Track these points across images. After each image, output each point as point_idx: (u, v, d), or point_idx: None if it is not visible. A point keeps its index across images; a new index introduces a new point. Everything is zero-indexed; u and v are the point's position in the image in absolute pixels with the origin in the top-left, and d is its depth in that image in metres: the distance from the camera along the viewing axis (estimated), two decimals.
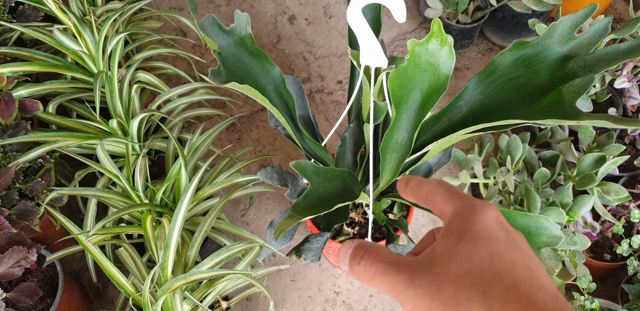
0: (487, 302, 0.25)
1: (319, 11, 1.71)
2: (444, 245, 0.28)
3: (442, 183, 0.32)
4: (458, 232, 0.28)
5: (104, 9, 1.22)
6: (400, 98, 0.73)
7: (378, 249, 0.30)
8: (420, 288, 0.26)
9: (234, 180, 1.02)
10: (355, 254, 0.30)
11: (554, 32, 0.66)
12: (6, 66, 1.02)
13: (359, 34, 0.63)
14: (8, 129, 1.01)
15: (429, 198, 0.32)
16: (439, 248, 0.28)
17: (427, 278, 0.27)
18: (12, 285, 1.00)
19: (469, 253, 0.27)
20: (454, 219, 0.29)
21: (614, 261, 1.07)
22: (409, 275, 0.27)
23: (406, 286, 0.27)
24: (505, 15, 1.49)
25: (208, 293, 0.93)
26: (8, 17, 1.20)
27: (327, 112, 1.51)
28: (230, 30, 0.76)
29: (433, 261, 0.28)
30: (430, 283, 0.26)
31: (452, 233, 0.28)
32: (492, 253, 0.27)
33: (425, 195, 0.33)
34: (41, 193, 1.01)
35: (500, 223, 0.29)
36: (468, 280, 0.26)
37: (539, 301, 0.25)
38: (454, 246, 0.28)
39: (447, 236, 0.28)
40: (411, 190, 0.34)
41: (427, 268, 0.27)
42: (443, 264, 0.27)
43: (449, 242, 0.28)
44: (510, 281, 0.25)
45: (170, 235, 0.87)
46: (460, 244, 0.27)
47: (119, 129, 1.09)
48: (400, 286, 0.27)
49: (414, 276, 0.27)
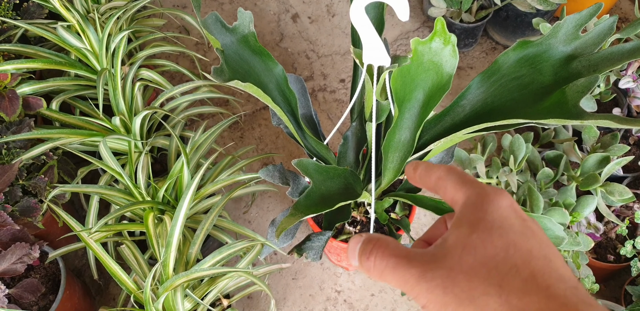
0: (504, 295, 0.24)
1: (322, 9, 1.71)
2: (456, 236, 0.27)
3: (453, 168, 0.31)
4: (471, 222, 0.27)
5: (107, 6, 1.22)
6: (403, 97, 0.73)
7: (387, 242, 0.28)
8: (433, 282, 0.25)
9: (236, 178, 1.02)
10: (364, 249, 0.29)
11: (558, 31, 0.66)
12: (10, 62, 1.03)
13: (362, 33, 0.62)
14: (12, 126, 1.02)
15: (439, 184, 0.31)
16: (451, 239, 0.27)
17: (439, 272, 0.25)
18: (15, 281, 1.00)
19: (483, 244, 0.26)
20: (466, 208, 0.28)
21: (618, 262, 1.07)
22: (420, 269, 0.26)
23: (418, 281, 0.26)
24: (509, 15, 1.48)
25: (209, 290, 0.93)
26: (12, 14, 1.20)
27: (330, 111, 1.50)
28: (233, 29, 0.76)
29: (445, 253, 0.26)
30: (443, 277, 0.25)
31: (465, 222, 0.27)
32: (508, 243, 0.25)
33: (435, 182, 0.31)
34: (44, 189, 1.01)
35: (514, 211, 0.27)
36: (483, 272, 0.25)
37: (558, 293, 0.24)
38: (467, 237, 0.26)
39: (460, 225, 0.27)
40: (420, 176, 0.32)
41: (439, 260, 0.26)
42: (456, 256, 0.26)
43: (461, 232, 0.27)
44: (527, 273, 0.24)
45: (172, 233, 0.87)
46: (474, 234, 0.26)
47: (122, 127, 1.09)
48: (412, 280, 0.26)
49: (426, 269, 0.26)
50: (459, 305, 0.24)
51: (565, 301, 0.23)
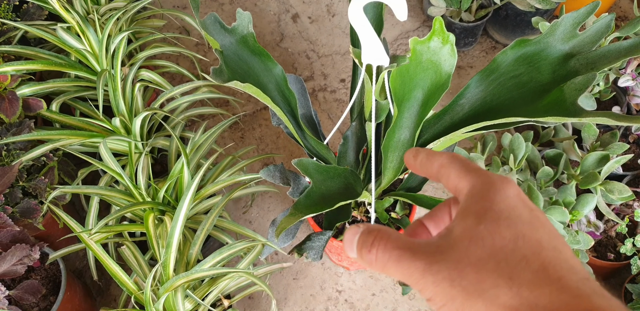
0: (515, 288, 0.23)
1: (322, 9, 1.71)
2: (462, 227, 0.26)
3: (455, 156, 0.30)
4: (477, 212, 0.26)
5: (107, 7, 1.22)
6: (402, 96, 0.73)
7: (389, 234, 0.27)
8: (439, 275, 0.24)
9: (236, 178, 1.02)
10: (365, 241, 0.27)
11: (556, 29, 0.66)
12: (10, 64, 1.03)
13: (361, 33, 0.62)
14: (12, 128, 1.02)
15: (442, 172, 0.30)
16: (457, 230, 0.26)
17: (446, 264, 0.24)
18: (15, 283, 1.00)
19: (491, 236, 0.25)
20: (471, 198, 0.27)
21: (618, 260, 1.07)
22: (426, 261, 0.25)
23: (424, 274, 0.25)
24: (509, 14, 1.48)
25: (210, 291, 0.94)
26: (12, 16, 1.21)
27: (330, 111, 1.50)
28: (232, 29, 0.76)
29: (451, 245, 0.25)
30: (450, 269, 0.24)
31: (471, 212, 0.26)
32: (516, 234, 0.25)
33: (437, 170, 0.30)
34: (44, 191, 1.01)
35: (522, 200, 0.26)
36: (492, 265, 0.24)
37: (570, 285, 0.23)
38: (473, 228, 0.25)
39: (465, 216, 0.26)
40: (420, 164, 0.31)
41: (445, 252, 0.25)
42: (463, 248, 0.25)
43: (467, 223, 0.26)
44: (537, 264, 0.24)
45: (173, 233, 0.87)
46: (481, 226, 0.25)
47: (122, 128, 1.09)
48: (417, 273, 0.25)
49: (431, 262, 0.25)
50: (466, 298, 0.23)
51: (578, 293, 0.23)
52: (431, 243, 0.26)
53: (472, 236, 0.25)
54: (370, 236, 0.27)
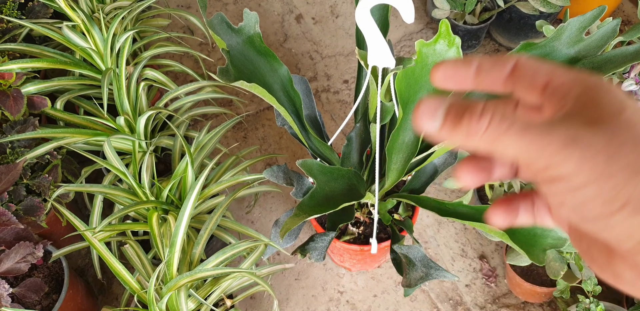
0: None
1: (326, 10, 1.71)
2: (606, 108, 0.22)
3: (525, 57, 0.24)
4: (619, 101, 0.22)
5: (112, 6, 1.22)
6: (408, 98, 0.74)
7: (505, 102, 0.24)
8: (593, 148, 0.21)
9: (240, 178, 1.02)
10: (468, 107, 0.22)
11: (562, 33, 0.66)
12: (15, 62, 1.03)
13: (367, 35, 0.63)
14: (16, 125, 1.02)
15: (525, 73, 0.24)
16: (608, 104, 0.22)
17: (600, 137, 0.21)
18: (18, 281, 1.00)
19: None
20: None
21: None
22: (571, 132, 0.21)
23: (566, 146, 0.21)
24: (513, 17, 1.48)
25: (213, 291, 0.94)
26: (17, 14, 1.21)
27: (333, 112, 1.51)
28: (239, 29, 0.77)
29: (604, 117, 0.21)
30: (605, 142, 0.21)
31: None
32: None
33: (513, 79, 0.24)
34: (48, 189, 1.01)
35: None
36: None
37: None
38: (622, 112, 0.22)
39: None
40: (486, 70, 0.24)
41: (596, 124, 0.21)
42: (623, 121, 0.21)
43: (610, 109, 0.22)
44: None
45: (176, 233, 0.87)
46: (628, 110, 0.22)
47: (126, 126, 1.09)
48: (557, 145, 0.21)
49: (577, 133, 0.21)
50: (630, 178, 0.20)
51: None
52: (571, 116, 0.22)
53: (636, 109, 0.22)
54: (478, 104, 0.23)
